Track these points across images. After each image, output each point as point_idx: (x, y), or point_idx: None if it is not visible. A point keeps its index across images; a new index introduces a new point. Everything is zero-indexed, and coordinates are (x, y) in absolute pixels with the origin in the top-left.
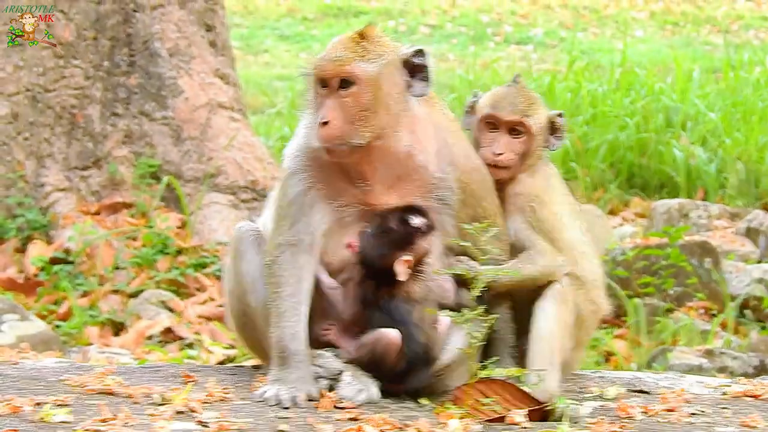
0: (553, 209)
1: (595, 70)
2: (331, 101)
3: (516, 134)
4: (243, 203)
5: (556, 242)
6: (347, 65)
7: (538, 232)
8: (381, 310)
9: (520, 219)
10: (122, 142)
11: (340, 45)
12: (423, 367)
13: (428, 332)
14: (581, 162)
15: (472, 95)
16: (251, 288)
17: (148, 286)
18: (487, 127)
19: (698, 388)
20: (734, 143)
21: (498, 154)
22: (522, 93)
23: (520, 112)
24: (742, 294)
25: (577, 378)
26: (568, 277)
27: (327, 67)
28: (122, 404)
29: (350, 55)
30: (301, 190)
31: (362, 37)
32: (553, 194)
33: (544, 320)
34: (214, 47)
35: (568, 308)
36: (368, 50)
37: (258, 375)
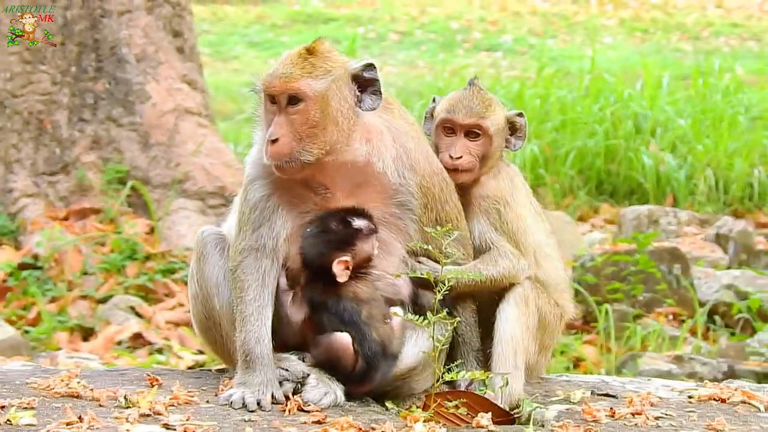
0: (517, 211)
1: (565, 76)
2: (279, 118)
3: (473, 137)
4: (211, 209)
5: (519, 245)
6: (294, 82)
7: (502, 234)
8: (329, 312)
9: (485, 221)
10: (90, 148)
11: (288, 61)
12: (383, 363)
13: (380, 329)
14: (550, 168)
15: (432, 101)
16: (215, 291)
17: (116, 291)
18: (444, 131)
19: (664, 391)
20: (704, 150)
21: (456, 157)
22: (477, 95)
23: (475, 114)
24: (712, 300)
25: (543, 382)
26: (530, 281)
27: (274, 84)
28: (87, 407)
29: (297, 72)
30: (262, 196)
31: (310, 53)
32: (518, 195)
33: (506, 323)
34: (182, 53)
35: (530, 311)
36: (316, 66)
37: (223, 378)
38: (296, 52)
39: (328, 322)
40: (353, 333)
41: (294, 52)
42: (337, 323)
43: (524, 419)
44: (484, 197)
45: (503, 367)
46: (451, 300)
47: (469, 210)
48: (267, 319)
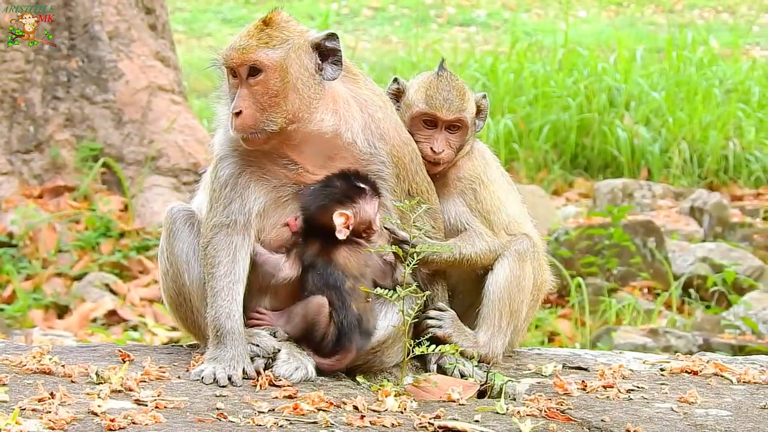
0: (491, 188)
1: (538, 51)
2: (242, 90)
3: (453, 130)
4: (184, 186)
5: (492, 224)
6: (252, 53)
7: (477, 215)
8: (317, 272)
9: (460, 202)
10: (64, 126)
11: (246, 33)
12: (356, 337)
13: (360, 303)
14: (524, 143)
15: (393, 81)
16: (185, 268)
17: (91, 269)
18: (424, 124)
19: (637, 364)
20: (678, 123)
21: (439, 152)
22: (454, 86)
23: (456, 109)
24: (686, 273)
25: (515, 355)
26: (527, 238)
27: (233, 57)
28: (59, 383)
29: (254, 43)
30: (233, 172)
31: (266, 24)
32: (491, 172)
33: (500, 279)
34: (155, 30)
35: (525, 272)
36: (272, 36)
37: (195, 354)
38: (253, 24)
39: (313, 283)
40: (333, 298)
41: (251, 24)
42: (321, 285)
43: (495, 393)
44: (459, 178)
45: (488, 325)
46: (423, 277)
47: (444, 191)
48: (238, 295)
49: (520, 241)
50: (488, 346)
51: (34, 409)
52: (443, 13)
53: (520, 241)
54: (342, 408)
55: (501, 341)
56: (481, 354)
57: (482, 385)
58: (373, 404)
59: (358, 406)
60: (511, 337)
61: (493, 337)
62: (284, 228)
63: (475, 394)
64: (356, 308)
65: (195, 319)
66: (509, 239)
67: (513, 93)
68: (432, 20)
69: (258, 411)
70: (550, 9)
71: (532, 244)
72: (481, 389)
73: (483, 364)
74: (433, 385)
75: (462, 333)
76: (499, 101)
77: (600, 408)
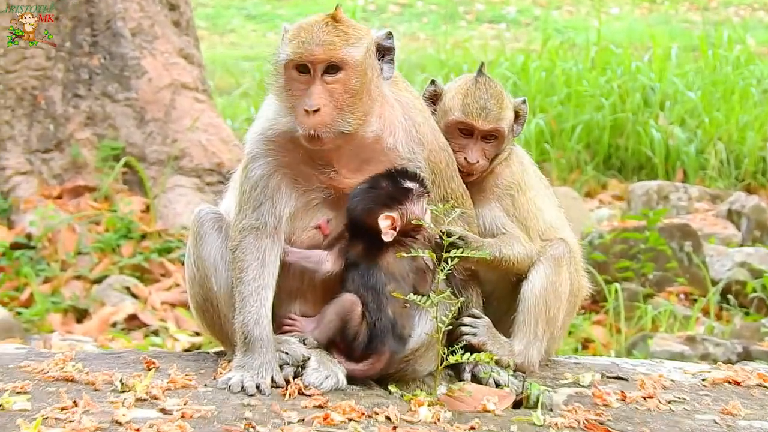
0: (529, 194)
1: (570, 48)
2: (316, 87)
3: (490, 139)
4: (208, 186)
5: (529, 230)
6: (337, 50)
7: (514, 220)
8: (358, 272)
9: (497, 207)
10: (84, 124)
11: (320, 29)
12: (390, 341)
13: (397, 308)
14: (556, 143)
15: (430, 83)
16: (213, 272)
17: (111, 271)
18: (459, 132)
19: (677, 374)
20: (714, 123)
21: (473, 162)
22: (491, 91)
23: (494, 119)
24: (725, 278)
25: (552, 364)
26: (564, 243)
27: (315, 52)
28: (83, 391)
29: (337, 40)
30: (264, 174)
31: (336, 21)
32: (529, 178)
33: (536, 285)
34: (178, 27)
35: (562, 277)
36: (349, 34)
37: (222, 361)
38: (321, 20)
39: (352, 281)
40: (369, 300)
41: (318, 20)
42: (360, 285)
43: (532, 403)
44: (497, 184)
45: (524, 333)
46: (458, 283)
47: (481, 197)
48: (267, 300)
49: (556, 246)
50: (524, 354)
51: (57, 417)
52: (472, 9)
53: (557, 246)
54: (374, 418)
55: (537, 349)
56: (516, 363)
57: (518, 395)
58: (405, 414)
59: (390, 416)
60: (548, 345)
61: (529, 345)
62: (315, 231)
63: (510, 405)
64: (392, 312)
65: (222, 326)
66: (544, 244)
67: (544, 92)
68: (461, 17)
69: (287, 421)
70: (581, 6)
71: (568, 249)
72: (517, 399)
73: (519, 373)
74: (467, 394)
75: (497, 341)
76: (531, 100)
77: (640, 420)
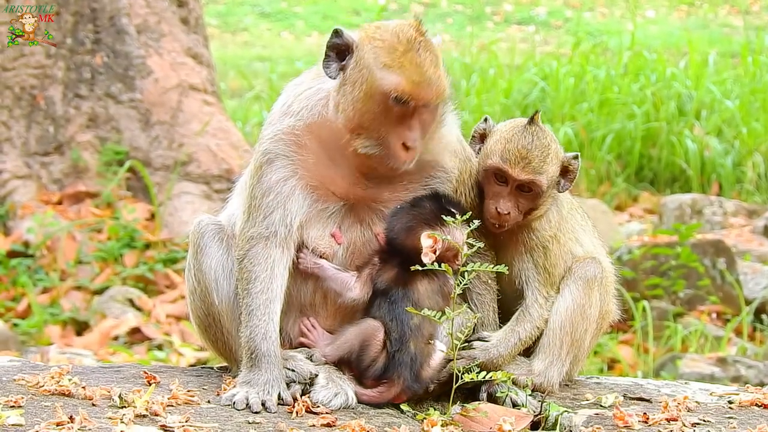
0: (563, 242)
1: (602, 53)
2: (415, 122)
3: (526, 191)
4: (216, 193)
5: (556, 278)
6: (444, 88)
7: (542, 272)
8: (387, 298)
9: (528, 259)
10: (86, 127)
11: (425, 63)
12: (405, 373)
13: (420, 343)
14: (585, 153)
15: (483, 120)
16: (214, 286)
17: (113, 282)
18: (495, 179)
19: (703, 396)
20: (752, 134)
21: (503, 213)
22: (538, 145)
23: (532, 170)
24: (759, 297)
25: (573, 384)
26: (597, 263)
27: (433, 95)
28: (79, 406)
29: (441, 75)
30: (279, 178)
31: (427, 50)
32: (566, 225)
33: (564, 304)
34: (187, 24)
35: (592, 299)
36: (440, 63)
37: (226, 377)
38: (419, 47)
39: (378, 308)
40: (394, 329)
41: (414, 46)
42: (386, 313)
43: (550, 424)
44: (532, 238)
45: (546, 354)
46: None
47: (513, 248)
48: (275, 314)
49: (588, 266)
50: (544, 374)
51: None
52: (500, 10)
53: (588, 265)
54: None
55: (558, 370)
56: (535, 383)
57: (536, 416)
58: None
59: None
60: (570, 367)
61: (551, 365)
62: (330, 239)
63: (528, 426)
64: (414, 347)
65: (225, 341)
66: (575, 263)
67: (574, 99)
68: (488, 18)
69: None
70: (615, 8)
71: (600, 269)
72: (534, 420)
73: (537, 393)
74: (483, 414)
75: (514, 360)
76: (559, 107)
77: None
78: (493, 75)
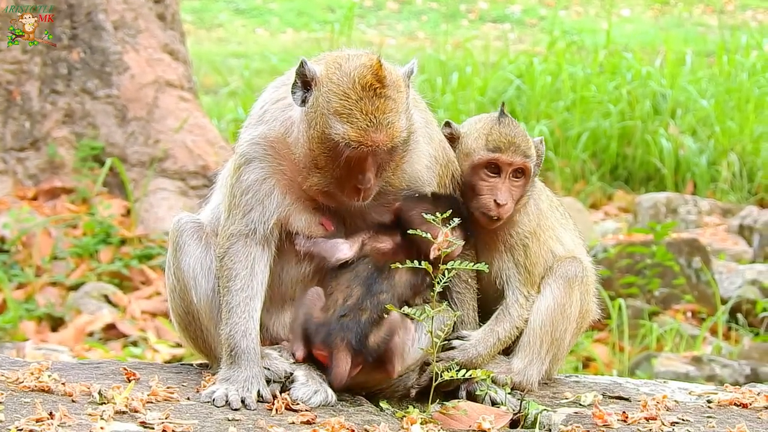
0: (544, 237)
1: (578, 51)
2: (369, 165)
3: (516, 177)
4: (192, 190)
5: (536, 277)
6: (398, 132)
7: (522, 271)
8: (366, 267)
9: (508, 258)
10: (62, 122)
11: (380, 112)
12: (347, 336)
13: (374, 316)
14: (560, 151)
15: (444, 125)
16: (192, 284)
17: (88, 278)
18: (487, 172)
19: (681, 395)
20: (727, 133)
21: (503, 204)
22: (518, 132)
23: (522, 153)
24: (734, 297)
25: (551, 383)
26: (578, 262)
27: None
28: (59, 403)
29: (396, 121)
30: (257, 178)
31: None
32: (545, 221)
33: (545, 302)
34: (163, 20)
35: (573, 298)
36: (394, 109)
37: (206, 374)
38: (372, 98)
39: (349, 271)
40: (355, 294)
41: (372, 99)
42: (354, 278)
43: (529, 422)
44: (512, 234)
45: (526, 353)
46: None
47: (492, 246)
48: (255, 311)
49: (569, 265)
50: (523, 373)
51: (32, 430)
52: (475, 8)
53: (569, 265)
54: None
55: (537, 369)
56: (514, 381)
57: (515, 414)
58: None
59: None
60: (549, 366)
61: (530, 364)
62: (320, 228)
63: (507, 424)
64: (366, 318)
65: (205, 338)
66: (556, 262)
67: (549, 97)
68: (463, 16)
69: None
70: (590, 6)
71: (582, 268)
72: (513, 418)
73: (516, 391)
74: (462, 413)
75: (493, 358)
76: (535, 106)
77: None
78: (469, 73)
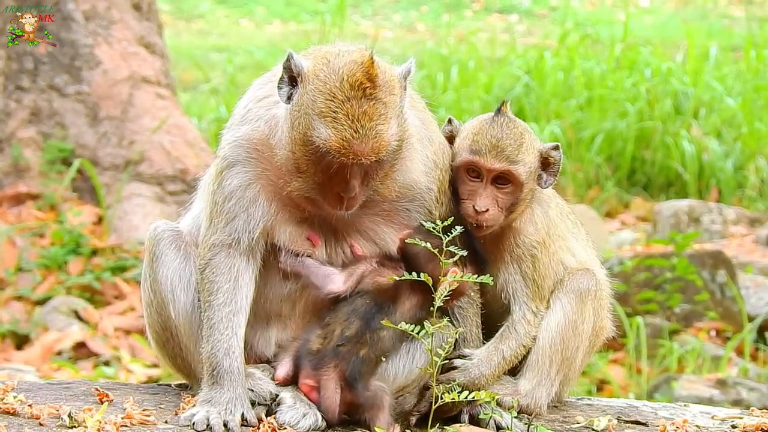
0: (554, 248)
1: (592, 45)
2: (355, 174)
3: (502, 184)
4: (170, 195)
5: (545, 290)
6: (385, 143)
7: (529, 284)
8: (362, 299)
9: (514, 270)
10: (28, 122)
11: (367, 119)
12: (341, 364)
13: (371, 354)
14: (573, 154)
15: (447, 122)
16: (170, 298)
17: (57, 292)
18: (468, 175)
19: (703, 419)
20: (755, 135)
21: (481, 211)
22: (509, 134)
23: (506, 158)
24: (762, 314)
25: (562, 406)
26: (592, 274)
27: (365, 149)
28: (25, 426)
29: (384, 130)
30: (240, 183)
31: (376, 103)
32: (554, 230)
33: (555, 318)
34: (139, 11)
35: (585, 315)
36: (383, 116)
37: (185, 395)
38: (360, 100)
39: (350, 304)
40: (353, 328)
41: (360, 101)
42: (354, 311)
43: None
44: (519, 244)
45: (534, 373)
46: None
47: (499, 256)
48: (239, 328)
49: (582, 278)
50: (531, 395)
51: None
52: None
53: (582, 277)
54: None
55: (546, 391)
56: (521, 404)
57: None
58: None
59: None
60: (560, 387)
61: (539, 385)
62: (306, 242)
63: None
64: (363, 354)
65: (184, 357)
66: (568, 275)
67: (561, 95)
68: (466, 6)
69: None
70: None
71: (595, 281)
72: None
73: (524, 415)
74: None
75: (499, 379)
76: (545, 104)
77: None
78: (473, 68)
